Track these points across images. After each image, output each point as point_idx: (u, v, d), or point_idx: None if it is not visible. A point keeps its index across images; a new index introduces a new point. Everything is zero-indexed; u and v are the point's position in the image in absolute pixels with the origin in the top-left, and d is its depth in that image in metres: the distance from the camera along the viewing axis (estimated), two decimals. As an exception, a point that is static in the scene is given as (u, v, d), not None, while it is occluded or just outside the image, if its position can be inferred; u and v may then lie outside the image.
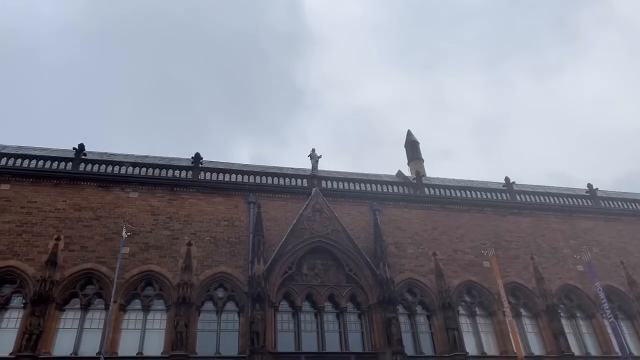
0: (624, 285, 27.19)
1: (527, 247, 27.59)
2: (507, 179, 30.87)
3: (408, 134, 43.17)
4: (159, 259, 22.84)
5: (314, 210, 25.34)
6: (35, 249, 21.98)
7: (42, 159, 25.26)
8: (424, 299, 24.43)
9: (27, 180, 24.00)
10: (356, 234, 25.32)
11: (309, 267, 24.02)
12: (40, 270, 21.16)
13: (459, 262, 26.05)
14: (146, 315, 21.64)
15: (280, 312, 22.82)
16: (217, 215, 24.89)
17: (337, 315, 23.28)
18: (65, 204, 23.68)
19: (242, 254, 23.71)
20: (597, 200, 31.15)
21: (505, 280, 24.82)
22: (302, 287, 23.35)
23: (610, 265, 27.89)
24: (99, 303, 21.47)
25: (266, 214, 24.85)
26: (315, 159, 28.55)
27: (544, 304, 25.12)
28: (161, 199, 24.86)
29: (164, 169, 26.30)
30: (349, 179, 28.65)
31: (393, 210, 27.26)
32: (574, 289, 26.50)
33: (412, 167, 39.28)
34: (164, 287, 22.13)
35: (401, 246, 25.93)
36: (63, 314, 21.03)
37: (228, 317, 22.27)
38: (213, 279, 22.83)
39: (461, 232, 27.32)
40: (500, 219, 28.53)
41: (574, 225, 29.29)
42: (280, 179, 27.49)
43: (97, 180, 24.75)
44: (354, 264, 24.12)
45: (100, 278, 21.74)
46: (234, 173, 27.03)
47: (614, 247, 28.87)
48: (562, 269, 27.14)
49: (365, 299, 23.53)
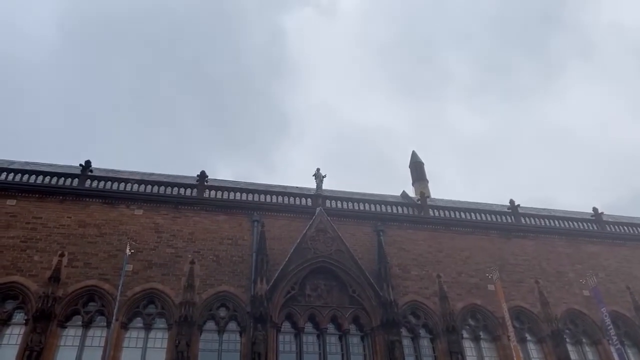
0: (630, 311, 26.84)
1: (532, 270, 27.36)
2: (512, 201, 30.75)
3: (413, 154, 43.32)
4: (162, 277, 22.80)
5: (318, 230, 25.29)
6: (39, 264, 22.01)
7: (49, 175, 25.43)
8: (428, 322, 24.17)
9: (33, 196, 24.15)
10: (360, 254, 25.22)
11: (312, 287, 23.88)
12: (43, 287, 21.14)
13: (464, 285, 25.85)
14: (148, 333, 21.49)
15: (283, 332, 22.63)
16: (221, 234, 24.89)
17: (340, 337, 23.06)
18: (70, 220, 23.77)
19: (245, 273, 23.63)
20: (602, 225, 30.98)
21: (510, 304, 24.54)
22: (305, 308, 23.19)
23: (616, 291, 27.58)
24: (101, 320, 21.36)
25: (270, 233, 24.83)
26: (319, 178, 28.65)
27: (549, 328, 24.80)
28: (165, 217, 24.92)
29: (169, 187, 26.42)
30: (353, 199, 28.63)
31: (397, 231, 27.18)
32: (579, 314, 26.18)
33: (417, 188, 39.34)
34: (166, 306, 22.04)
35: (405, 268, 25.78)
36: (64, 331, 20.91)
37: (230, 337, 22.08)
38: (215, 298, 22.72)
39: (466, 255, 27.16)
40: (505, 241, 28.37)
41: (579, 249, 29.07)
42: (285, 197, 27.54)
43: (102, 197, 24.88)
44: (357, 285, 23.97)
45: (102, 295, 21.69)
46: (238, 191, 27.10)
47: (620, 272, 28.59)
48: (568, 294, 26.86)
49: (369, 321, 23.32)
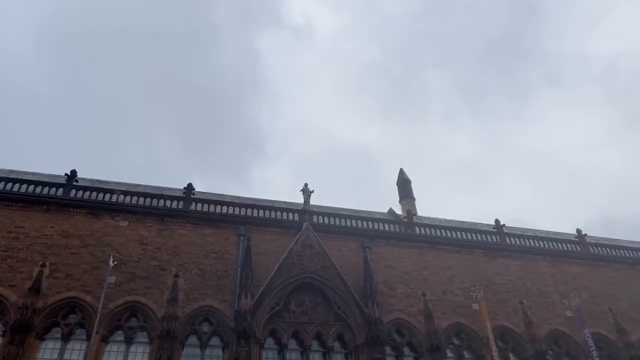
0: (613, 333, 27.01)
1: (517, 290, 27.48)
2: (497, 221, 30.97)
3: (400, 172, 43.44)
4: (145, 289, 22.49)
5: (304, 246, 25.20)
6: (19, 274, 21.61)
7: (33, 183, 25.11)
8: (412, 340, 24.09)
9: (17, 204, 23.80)
10: (346, 270, 25.14)
11: (297, 303, 23.72)
12: (23, 297, 20.74)
13: (448, 303, 25.85)
14: (129, 347, 21.14)
15: (266, 349, 22.40)
16: (206, 247, 24.69)
17: (324, 355, 22.88)
18: (53, 230, 23.42)
19: (229, 287, 23.41)
20: (586, 246, 31.31)
21: (494, 323, 24.61)
22: (289, 324, 22.99)
23: (599, 312, 27.78)
24: (81, 333, 20.98)
25: (256, 248, 24.67)
26: (307, 193, 28.65)
27: (532, 349, 24.84)
28: (150, 229, 24.67)
29: (155, 199, 26.19)
30: (340, 215, 28.62)
31: (384, 248, 27.19)
32: (562, 334, 26.29)
33: (404, 206, 39.37)
34: (148, 319, 21.71)
35: (391, 285, 25.74)
36: (43, 344, 20.50)
37: (212, 352, 21.82)
38: (199, 313, 22.44)
39: (451, 273, 27.21)
40: (490, 261, 28.50)
41: (563, 270, 29.30)
42: (272, 212, 27.44)
43: (87, 207, 24.59)
44: (342, 302, 23.86)
45: (83, 307, 21.32)
46: (225, 205, 26.97)
47: (602, 293, 28.82)
48: (551, 314, 26.99)
49: (353, 339, 23.18)
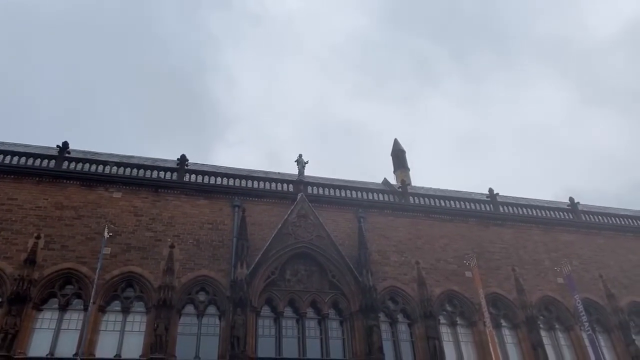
0: (602, 299, 27.55)
1: (509, 258, 27.84)
2: (491, 190, 31.13)
3: (395, 142, 43.36)
4: (141, 260, 22.60)
5: (299, 216, 25.31)
6: (14, 247, 21.61)
7: (25, 155, 24.85)
8: (406, 307, 24.49)
9: (9, 177, 23.64)
10: (340, 240, 25.35)
11: (292, 272, 23.96)
12: (19, 269, 20.80)
13: (442, 271, 26.19)
14: (126, 317, 21.35)
15: (262, 317, 22.72)
16: (201, 218, 24.73)
17: (319, 322, 23.24)
18: (47, 202, 23.34)
19: (225, 257, 23.57)
20: (578, 214, 31.61)
21: (486, 290, 25.03)
22: (285, 293, 23.27)
23: (589, 279, 28.24)
24: (78, 304, 21.14)
25: (251, 218, 24.75)
26: (302, 164, 28.61)
27: (523, 315, 25.34)
28: (145, 200, 24.64)
29: (149, 170, 26.08)
30: (335, 185, 28.64)
31: (378, 218, 27.34)
32: (553, 301, 26.78)
33: (398, 176, 39.49)
34: (145, 289, 21.89)
35: (385, 254, 26.00)
36: (40, 314, 20.67)
37: (209, 321, 22.09)
38: (195, 282, 22.64)
39: (444, 242, 27.48)
40: (483, 229, 28.77)
41: (555, 238, 29.64)
42: (266, 183, 27.43)
43: (80, 179, 24.45)
44: (337, 271, 24.12)
45: (80, 278, 21.43)
46: (219, 176, 26.89)
47: (593, 260, 29.26)
48: (543, 281, 27.43)
49: (348, 306, 23.53)
